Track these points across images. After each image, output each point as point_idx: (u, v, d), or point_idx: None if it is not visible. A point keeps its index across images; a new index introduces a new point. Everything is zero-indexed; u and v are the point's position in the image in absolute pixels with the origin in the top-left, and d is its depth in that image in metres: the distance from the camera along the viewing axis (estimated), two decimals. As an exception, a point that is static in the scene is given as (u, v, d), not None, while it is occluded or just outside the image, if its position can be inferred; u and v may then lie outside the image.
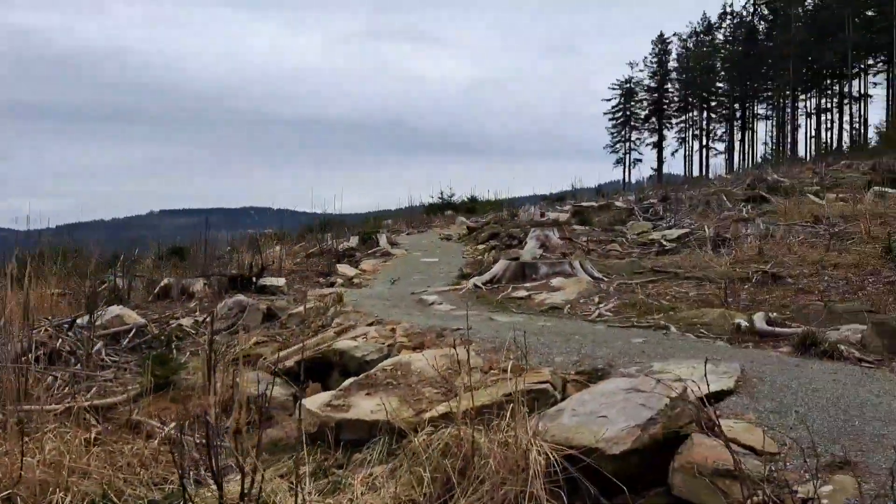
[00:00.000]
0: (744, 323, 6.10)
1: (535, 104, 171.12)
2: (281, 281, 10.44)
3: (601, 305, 7.56)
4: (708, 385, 3.69)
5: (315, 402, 4.62)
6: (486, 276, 9.45)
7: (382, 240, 15.74)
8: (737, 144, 71.33)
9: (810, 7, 67.50)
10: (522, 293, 8.34)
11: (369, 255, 14.15)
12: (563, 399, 4.29)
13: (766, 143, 70.70)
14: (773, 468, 3.25)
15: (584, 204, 19.13)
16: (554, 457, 3.38)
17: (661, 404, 3.74)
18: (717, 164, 67.01)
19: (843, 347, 5.22)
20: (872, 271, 8.65)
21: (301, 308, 7.72)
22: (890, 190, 16.60)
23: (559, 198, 27.09)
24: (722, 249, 10.98)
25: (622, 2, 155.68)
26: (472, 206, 24.33)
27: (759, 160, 60.59)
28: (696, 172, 65.93)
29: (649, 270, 9.58)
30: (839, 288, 8.08)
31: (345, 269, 12.06)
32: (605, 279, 9.16)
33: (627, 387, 4.05)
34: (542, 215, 17.14)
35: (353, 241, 15.83)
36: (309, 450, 4.34)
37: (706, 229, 12.08)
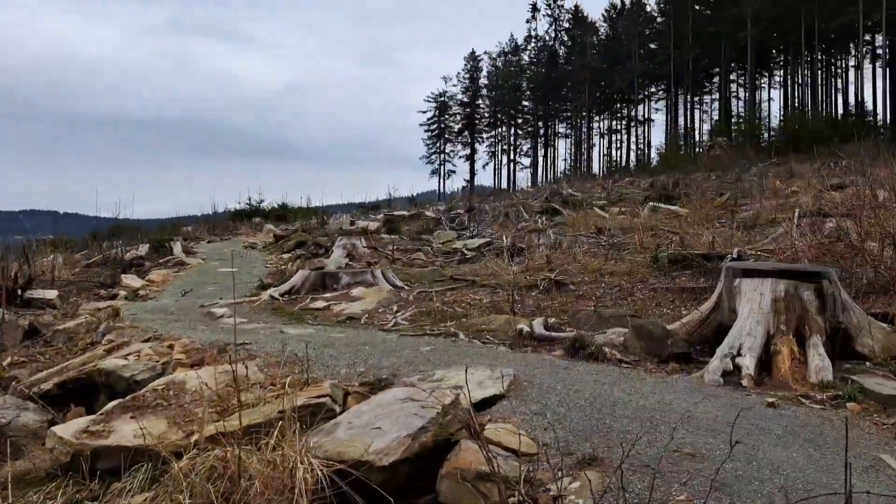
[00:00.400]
0: (525, 328, 6.45)
1: (354, 111, 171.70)
2: (52, 293, 9.39)
3: (399, 314, 7.64)
4: (467, 393, 3.81)
5: (69, 428, 4.17)
6: (285, 287, 9.20)
7: (177, 248, 14.78)
8: (540, 160, 76.40)
9: (603, 37, 74.21)
10: (321, 304, 8.21)
11: (160, 265, 13.20)
12: (342, 412, 4.25)
13: (565, 160, 76.39)
14: (531, 468, 3.42)
15: (395, 213, 19.39)
16: (323, 472, 3.30)
17: (433, 413, 3.82)
18: (523, 177, 71.31)
19: (607, 350, 5.68)
20: (641, 279, 9.56)
21: (71, 323, 6.98)
22: (662, 205, 18.58)
23: (374, 206, 27.27)
24: (517, 258, 11.60)
25: (438, 16, 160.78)
26: (282, 214, 23.72)
27: (560, 175, 65.32)
28: (504, 185, 69.63)
29: (449, 279, 9.88)
30: (613, 294, 8.84)
31: (130, 280, 11.14)
32: (407, 288, 9.30)
33: (404, 396, 4.09)
34: (353, 224, 17.11)
35: (144, 249, 14.70)
36: (60, 482, 3.92)
37: (504, 239, 12.71)
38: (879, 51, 56.61)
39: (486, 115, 79.80)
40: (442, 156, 79.40)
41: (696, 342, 5.91)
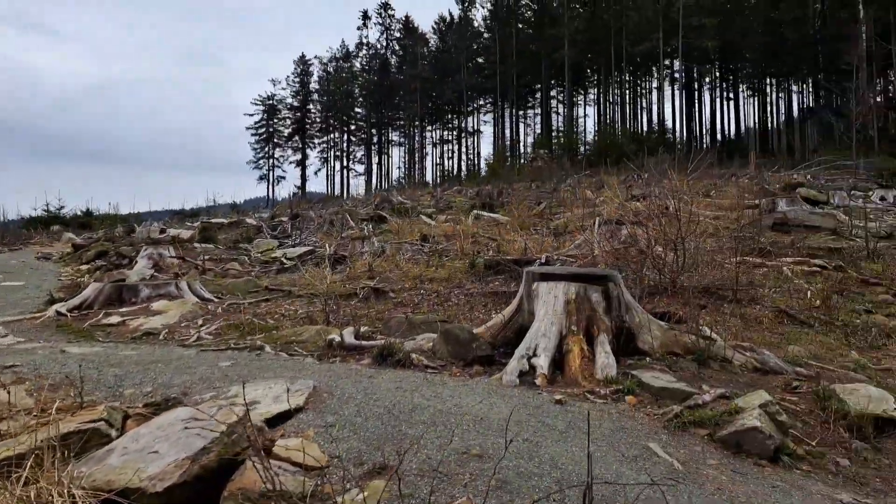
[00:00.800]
0: (336, 338, 6.35)
1: (173, 112, 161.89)
2: None
3: (203, 328, 7.23)
4: (249, 409, 3.66)
5: None
6: (75, 301, 8.37)
7: (-52, 260, 13.02)
8: (375, 167, 76.73)
9: (434, 49, 76.11)
10: (116, 319, 7.56)
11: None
12: (120, 436, 3.90)
13: (399, 168, 77.34)
14: (319, 483, 3.33)
15: (213, 221, 18.47)
16: (86, 504, 3.00)
17: (217, 432, 3.61)
18: (358, 184, 71.27)
19: (414, 356, 5.73)
20: (458, 284, 9.82)
21: None
22: (485, 213, 19.31)
23: (193, 214, 25.84)
24: (339, 266, 11.47)
25: (266, 17, 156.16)
26: (86, 221, 21.68)
27: (394, 183, 65.99)
28: (338, 192, 69.09)
29: (264, 289, 9.53)
30: (431, 300, 8.98)
31: None
32: (216, 300, 8.84)
33: (187, 416, 3.84)
34: (164, 232, 16.04)
35: None
36: None
37: (327, 247, 12.52)
38: (677, 75, 63.06)
39: (318, 120, 78.81)
40: (271, 161, 77.22)
41: (499, 345, 6.13)
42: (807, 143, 56.65)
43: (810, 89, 61.81)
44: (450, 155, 76.66)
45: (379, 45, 76.95)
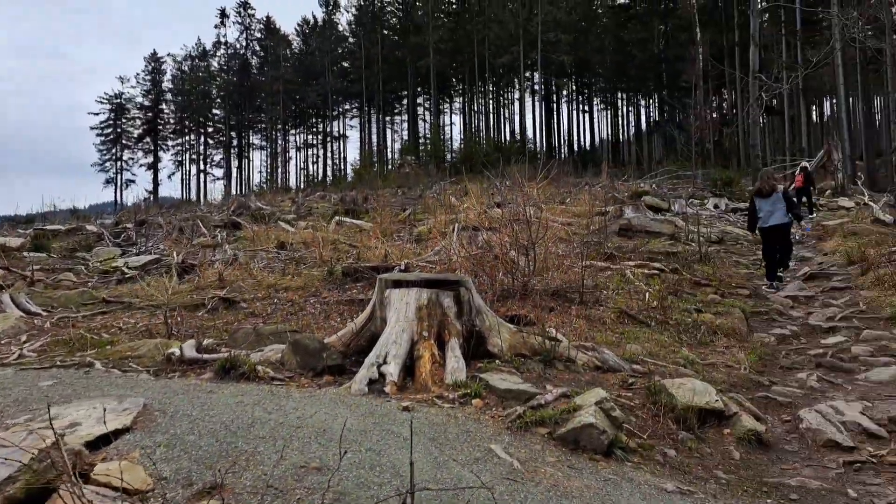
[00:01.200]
0: (176, 352, 5.99)
1: (5, 108, 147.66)
2: None
3: (27, 345, 6.59)
4: (74, 431, 3.36)
5: None
6: None
7: None
8: (234, 171, 73.98)
9: (297, 51, 74.66)
10: (-81, 338, 6.72)
11: None
12: None
13: (261, 172, 75.09)
14: (142, 508, 3.10)
15: (49, 227, 16.97)
16: None
17: (25, 459, 3.27)
18: (216, 189, 68.38)
19: (261, 368, 5.51)
20: (315, 293, 9.61)
21: None
22: (348, 219, 19.12)
23: (28, 220, 23.71)
24: (188, 276, 10.89)
25: (112, 8, 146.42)
26: None
27: (255, 188, 63.93)
28: (194, 197, 65.91)
29: (102, 301, 8.86)
30: (285, 310, 8.72)
31: None
32: (45, 313, 8.11)
33: (-10, 445, 3.44)
34: (-11, 240, 14.52)
35: None
36: None
37: (175, 256, 11.87)
38: (537, 87, 65.85)
39: (172, 121, 74.88)
40: (119, 163, 72.38)
41: (352, 353, 6.04)
42: (653, 154, 61.09)
43: (656, 104, 66.73)
44: (314, 160, 75.46)
45: (238, 45, 74.34)
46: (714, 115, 50.35)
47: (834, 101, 45.00)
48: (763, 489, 4.37)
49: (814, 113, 57.91)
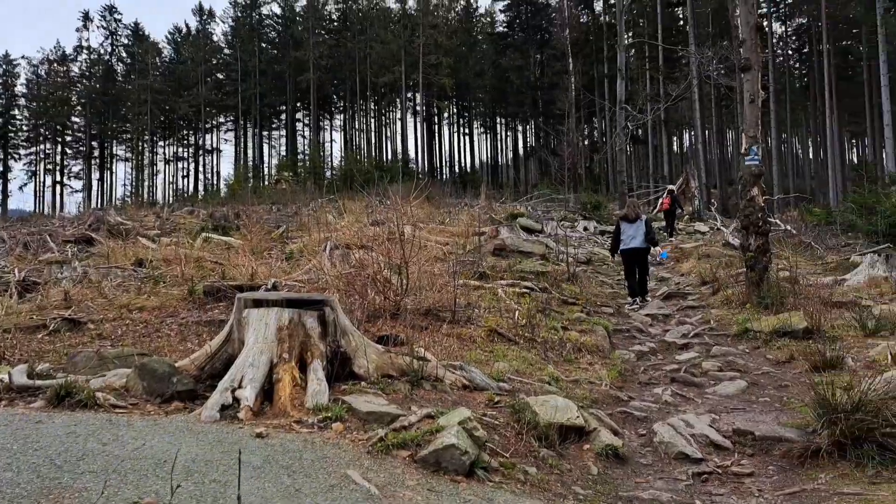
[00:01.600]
0: (4, 378, 5.37)
1: None
2: None
3: None
4: None
5: None
6: None
7: None
8: (96, 183, 69.31)
9: (167, 60, 71.40)
10: None
11: None
12: None
13: (125, 185, 70.83)
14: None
15: None
16: None
17: None
18: (75, 201, 63.67)
19: (101, 395, 5.04)
20: (173, 313, 9.01)
21: None
22: (216, 236, 18.26)
23: None
24: (30, 295, 9.94)
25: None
26: None
27: (118, 201, 60.17)
28: (49, 210, 61.06)
29: (-80, 322, 7.84)
30: (138, 331, 8.10)
31: None
32: None
33: None
34: None
35: None
36: None
37: (16, 272, 10.81)
38: (419, 108, 66.57)
39: (25, 128, 69.23)
40: (-37, 172, 65.97)
41: (206, 377, 5.65)
42: (529, 178, 63.30)
43: (533, 130, 69.26)
44: (185, 174, 72.13)
45: (103, 51, 70.04)
46: (585, 143, 53.01)
47: (692, 132, 48.67)
48: (618, 503, 4.46)
49: (675, 143, 62.34)
